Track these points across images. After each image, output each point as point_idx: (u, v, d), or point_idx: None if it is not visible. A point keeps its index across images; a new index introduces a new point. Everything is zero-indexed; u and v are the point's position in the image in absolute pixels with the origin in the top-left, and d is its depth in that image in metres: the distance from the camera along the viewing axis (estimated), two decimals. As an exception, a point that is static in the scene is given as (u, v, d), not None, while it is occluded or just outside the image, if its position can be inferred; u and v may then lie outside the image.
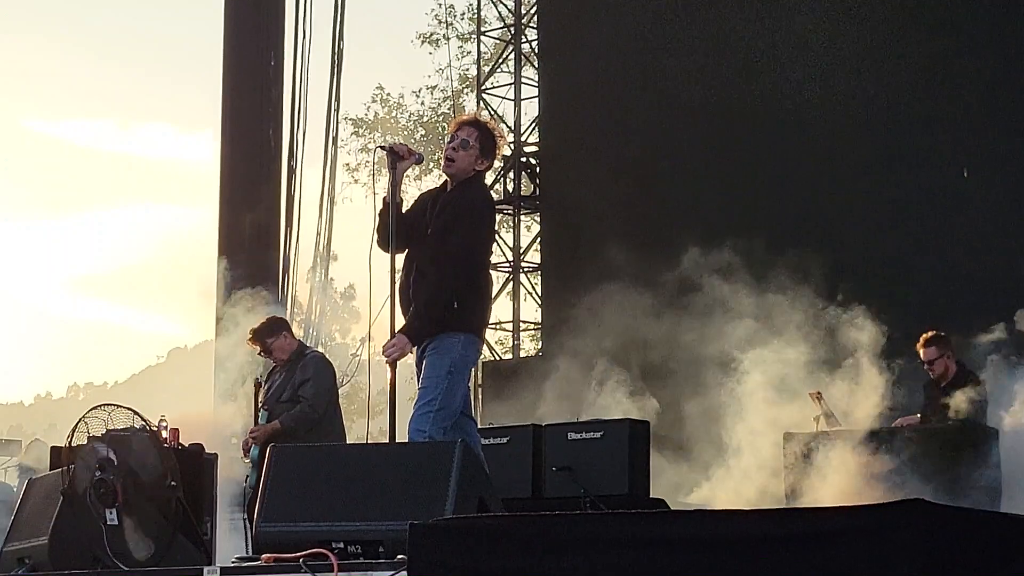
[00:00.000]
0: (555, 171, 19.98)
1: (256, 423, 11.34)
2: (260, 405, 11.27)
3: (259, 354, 11.78)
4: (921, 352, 12.02)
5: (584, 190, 18.16)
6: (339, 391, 12.29)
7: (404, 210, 8.40)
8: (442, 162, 8.42)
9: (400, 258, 8.44)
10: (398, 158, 8.27)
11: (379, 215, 8.32)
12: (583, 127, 19.10)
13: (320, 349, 19.92)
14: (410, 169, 8.65)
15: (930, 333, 12.12)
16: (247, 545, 10.68)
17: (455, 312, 8.08)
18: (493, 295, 8.80)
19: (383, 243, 8.29)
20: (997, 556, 4.58)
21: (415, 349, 8.21)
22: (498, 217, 20.89)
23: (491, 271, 8.83)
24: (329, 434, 11.05)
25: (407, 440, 7.97)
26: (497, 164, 22.19)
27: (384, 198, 8.30)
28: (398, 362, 8.12)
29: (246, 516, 11.05)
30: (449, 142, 8.37)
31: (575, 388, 15.40)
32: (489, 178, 22.43)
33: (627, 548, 4.93)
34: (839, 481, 11.12)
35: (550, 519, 5.33)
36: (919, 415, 11.92)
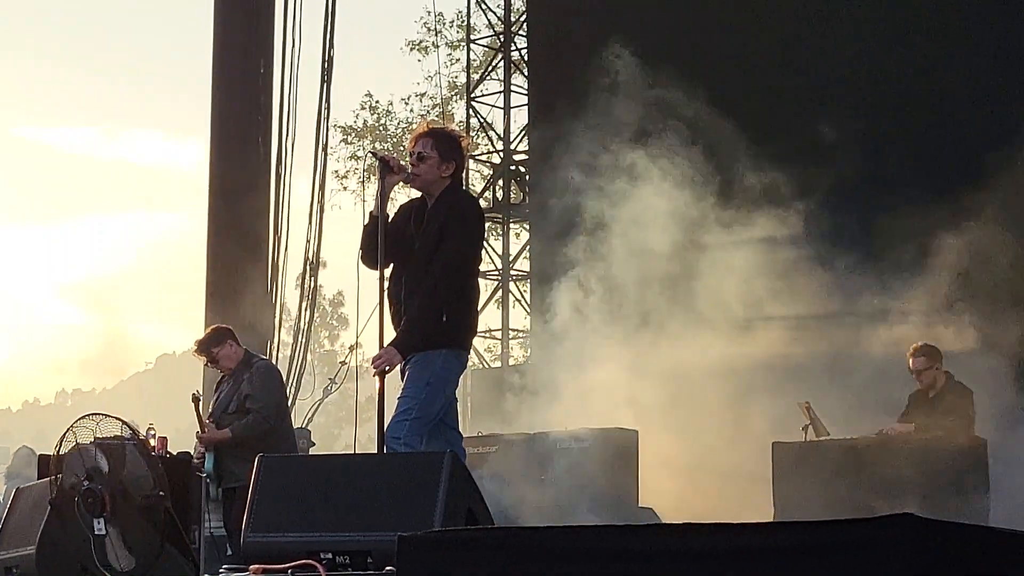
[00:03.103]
0: (544, 179, 19.97)
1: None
2: (207, 417, 11.12)
3: (206, 365, 11.62)
4: (911, 362, 11.99)
5: (573, 198, 18.15)
6: (288, 398, 12.17)
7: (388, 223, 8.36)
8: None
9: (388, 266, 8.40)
10: (389, 170, 8.21)
11: (364, 229, 8.27)
12: (572, 135, 19.09)
13: (290, 354, 19.96)
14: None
15: (920, 343, 12.11)
16: (218, 555, 10.68)
17: (442, 326, 8.06)
18: (481, 303, 8.76)
19: (368, 259, 8.21)
20: (987, 571, 4.58)
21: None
22: (487, 225, 20.92)
23: (479, 279, 8.78)
24: (279, 443, 10.89)
25: (385, 448, 7.96)
26: (486, 171, 22.43)
27: (371, 212, 8.25)
28: (387, 372, 8.08)
29: (211, 530, 11.01)
30: (409, 160, 8.33)
31: (564, 396, 15.40)
32: (478, 186, 22.57)
33: (617, 561, 4.92)
34: (827, 491, 11.12)
35: (538, 532, 5.32)
36: (913, 425, 11.85)
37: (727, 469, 13.92)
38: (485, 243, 18.45)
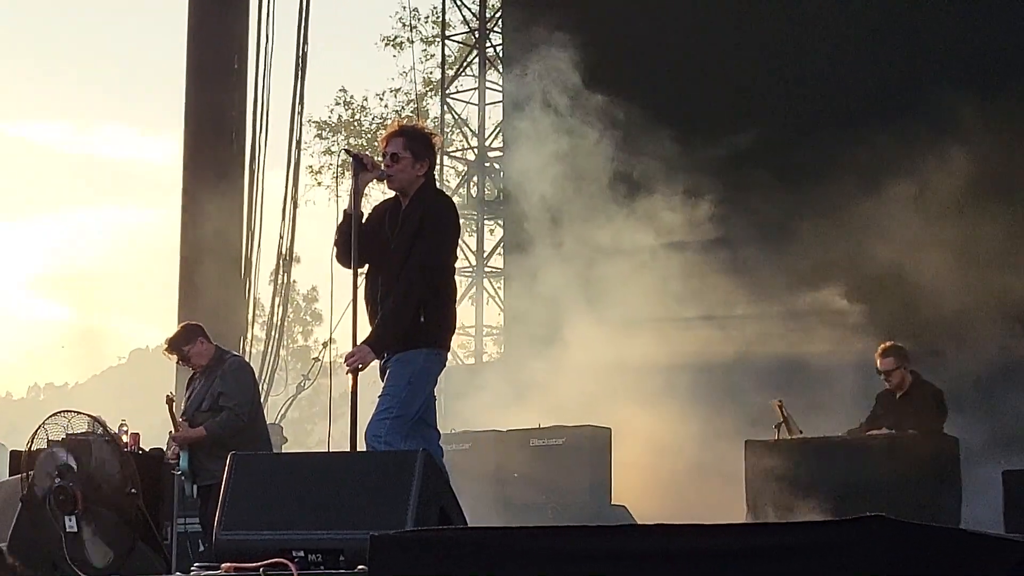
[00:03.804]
0: (518, 175, 19.97)
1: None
2: (180, 415, 11.04)
3: (177, 363, 11.54)
4: (878, 362, 11.96)
5: (547, 194, 18.18)
6: (261, 394, 12.12)
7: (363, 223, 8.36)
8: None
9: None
10: (362, 167, 8.20)
11: (338, 228, 8.26)
12: (546, 131, 19.08)
13: (271, 351, 19.91)
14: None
15: (888, 343, 12.09)
16: (191, 552, 10.65)
17: (421, 326, 8.05)
18: (457, 301, 8.72)
19: (342, 257, 8.21)
20: (958, 573, 4.60)
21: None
22: (461, 222, 20.90)
23: (455, 277, 8.76)
24: (253, 439, 10.84)
25: (365, 446, 7.96)
26: (460, 168, 22.40)
27: (345, 210, 8.24)
28: (360, 370, 8.07)
29: (187, 526, 10.97)
30: (382, 160, 8.30)
31: (538, 393, 15.42)
32: (453, 182, 22.55)
33: (589, 561, 4.93)
34: (799, 490, 11.13)
35: (511, 532, 5.32)
36: (894, 432, 11.80)
37: (699, 466, 13.94)
38: (459, 240, 18.46)
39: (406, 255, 8.08)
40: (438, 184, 8.96)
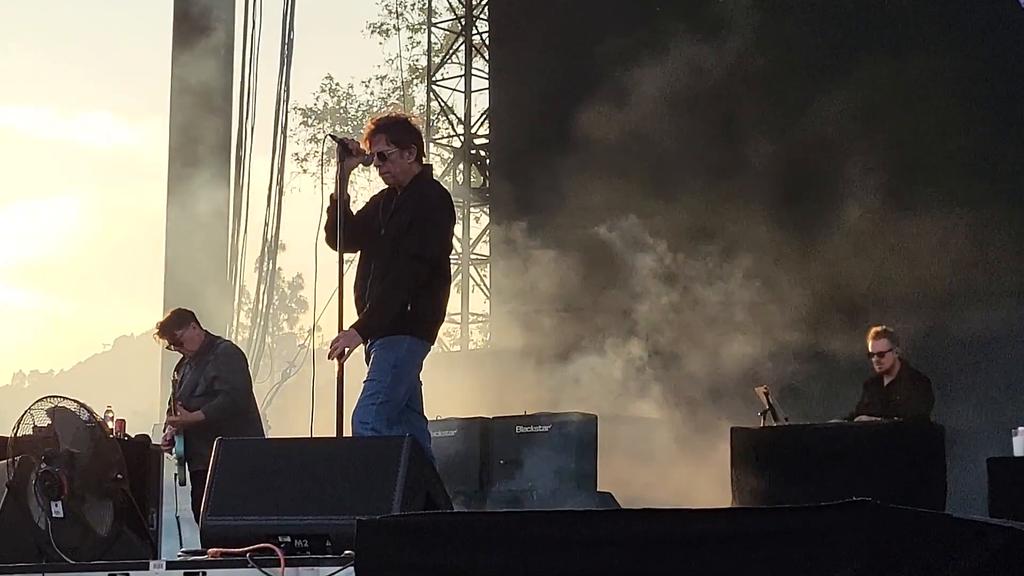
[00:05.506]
0: (504, 163, 19.97)
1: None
2: (174, 400, 11.05)
3: (168, 348, 11.56)
4: (870, 344, 11.96)
5: (533, 182, 18.18)
6: (252, 380, 12.15)
7: (357, 210, 8.40)
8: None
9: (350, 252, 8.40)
10: (347, 153, 8.22)
11: (327, 212, 8.27)
12: (533, 119, 19.08)
13: (267, 337, 19.91)
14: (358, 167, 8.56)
15: (879, 327, 12.10)
16: (180, 541, 10.65)
17: (408, 314, 8.07)
18: (449, 295, 8.72)
19: (331, 241, 8.26)
20: (943, 557, 4.61)
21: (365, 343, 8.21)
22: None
23: (448, 267, 8.77)
24: (247, 424, 10.87)
25: (351, 432, 7.97)
26: (446, 155, 22.37)
27: (332, 195, 8.26)
28: (346, 356, 8.08)
29: (178, 513, 10.98)
30: (373, 162, 8.31)
31: (524, 381, 15.43)
32: (439, 170, 22.51)
33: (575, 546, 4.94)
34: (785, 477, 11.15)
35: (498, 517, 5.34)
36: (881, 416, 11.80)
37: (686, 454, 13.95)
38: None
39: (396, 244, 8.10)
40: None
